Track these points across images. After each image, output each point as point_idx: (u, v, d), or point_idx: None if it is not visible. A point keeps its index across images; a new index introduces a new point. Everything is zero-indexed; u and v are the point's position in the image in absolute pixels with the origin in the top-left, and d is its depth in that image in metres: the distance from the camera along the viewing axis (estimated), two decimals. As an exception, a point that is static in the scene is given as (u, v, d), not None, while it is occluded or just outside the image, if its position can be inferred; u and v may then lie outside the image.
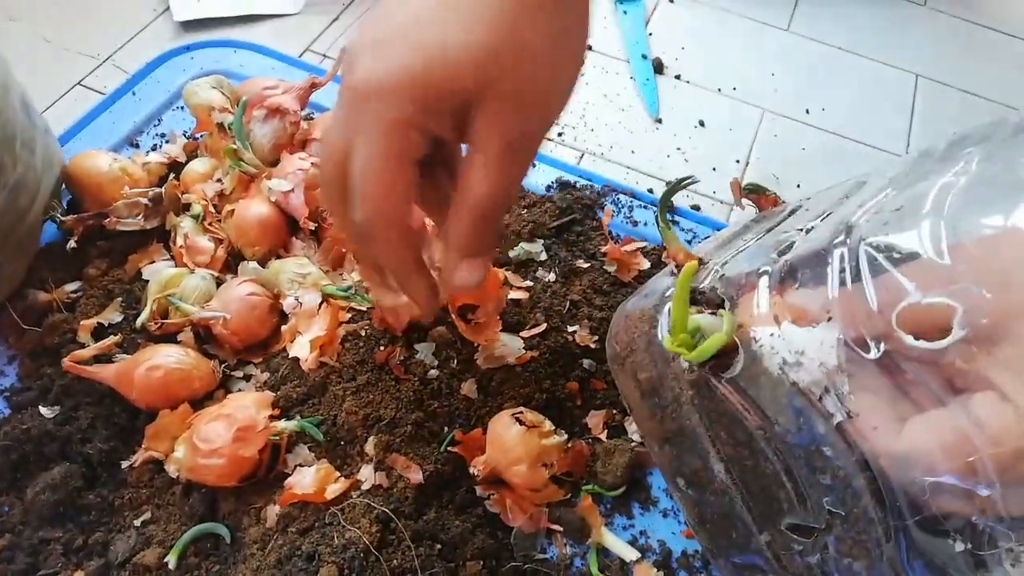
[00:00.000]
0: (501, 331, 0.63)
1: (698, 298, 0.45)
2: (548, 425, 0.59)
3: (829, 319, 0.36)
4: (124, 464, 0.57)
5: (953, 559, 0.36)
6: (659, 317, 0.46)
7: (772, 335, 0.38)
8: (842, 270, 0.36)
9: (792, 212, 0.50)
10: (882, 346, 0.34)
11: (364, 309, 0.63)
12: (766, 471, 0.42)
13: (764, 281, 0.41)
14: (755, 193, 0.65)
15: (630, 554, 0.58)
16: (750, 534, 0.44)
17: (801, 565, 0.42)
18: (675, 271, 0.50)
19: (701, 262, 0.48)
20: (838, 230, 0.39)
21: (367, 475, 0.55)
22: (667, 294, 0.47)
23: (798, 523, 0.41)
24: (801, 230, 0.44)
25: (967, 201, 0.34)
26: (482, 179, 0.39)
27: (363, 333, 0.62)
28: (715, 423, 0.43)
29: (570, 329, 0.66)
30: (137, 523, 0.55)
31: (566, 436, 0.59)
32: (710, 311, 0.43)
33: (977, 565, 0.35)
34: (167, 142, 0.78)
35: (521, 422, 0.57)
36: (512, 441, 0.57)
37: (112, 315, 0.63)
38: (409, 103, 0.36)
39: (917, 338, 0.33)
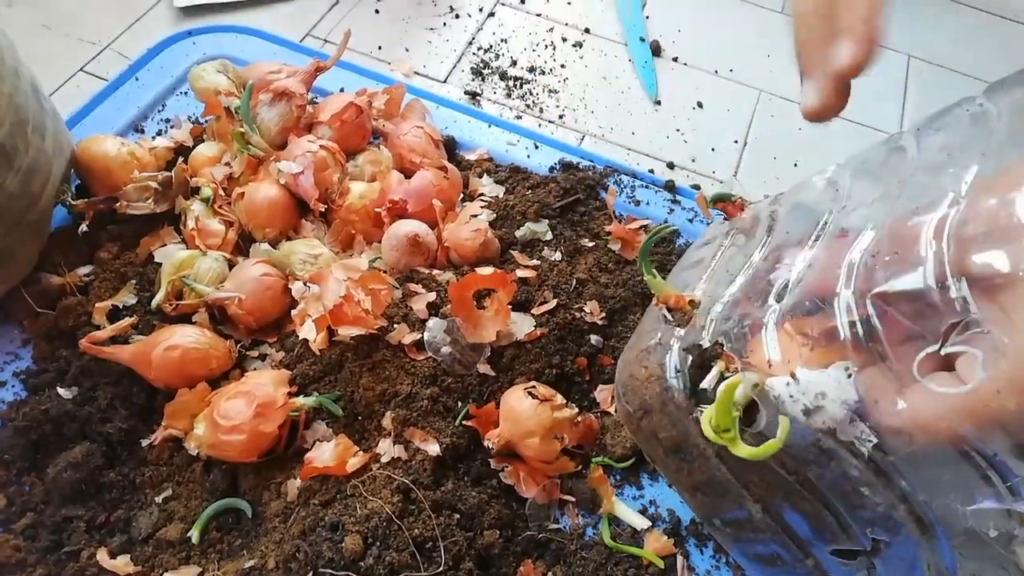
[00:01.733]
0: (512, 309, 0.64)
1: (706, 354, 0.45)
2: (560, 399, 0.60)
3: (847, 371, 0.37)
4: (144, 443, 0.58)
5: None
6: (667, 377, 0.46)
7: (787, 384, 0.39)
8: (852, 323, 0.37)
9: (769, 229, 0.50)
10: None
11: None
12: (804, 509, 0.43)
13: (770, 333, 0.42)
14: (722, 201, 0.67)
15: (641, 523, 0.59)
16: (796, 560, 0.46)
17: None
18: (666, 313, 0.50)
19: (692, 303, 0.49)
20: (835, 276, 0.39)
21: (386, 448, 0.56)
22: (658, 341, 0.48)
23: (842, 548, 0.43)
24: (789, 267, 0.44)
25: (967, 238, 0.35)
26: None
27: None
28: (746, 473, 0.44)
29: (577, 307, 0.67)
30: (159, 500, 0.56)
31: (576, 410, 0.61)
32: (730, 369, 0.43)
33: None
34: (172, 127, 0.78)
35: (534, 396, 0.59)
36: (525, 414, 0.58)
37: (126, 297, 0.63)
38: None
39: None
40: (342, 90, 0.83)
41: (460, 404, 0.60)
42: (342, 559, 0.49)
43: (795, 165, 0.88)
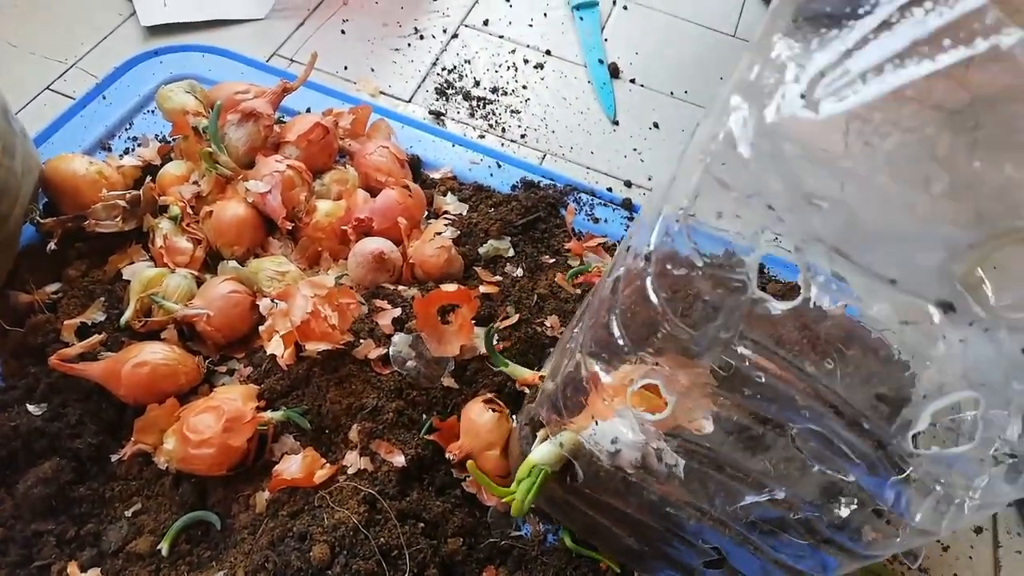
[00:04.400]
0: (475, 324, 0.67)
1: (538, 425, 0.54)
2: (521, 411, 0.63)
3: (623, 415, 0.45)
4: (113, 458, 0.59)
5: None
6: (525, 451, 0.54)
7: (589, 436, 0.47)
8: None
9: (583, 313, 0.56)
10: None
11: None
12: (653, 536, 0.50)
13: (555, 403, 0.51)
14: (580, 275, 0.72)
15: (599, 528, 0.62)
16: None
17: None
18: (527, 391, 0.60)
19: (543, 379, 0.58)
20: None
21: (352, 460, 0.58)
22: (522, 420, 0.58)
23: (709, 560, 0.50)
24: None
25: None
26: None
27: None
28: (600, 513, 0.52)
29: (539, 321, 0.70)
30: (128, 513, 0.57)
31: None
32: (551, 433, 0.52)
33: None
34: (139, 145, 0.79)
35: (494, 409, 0.61)
36: (485, 427, 0.60)
37: (95, 314, 0.64)
38: None
39: None
40: (308, 110, 0.84)
41: (425, 416, 0.62)
42: (310, 568, 0.51)
43: (746, 184, 0.91)
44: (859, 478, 0.39)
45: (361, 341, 0.63)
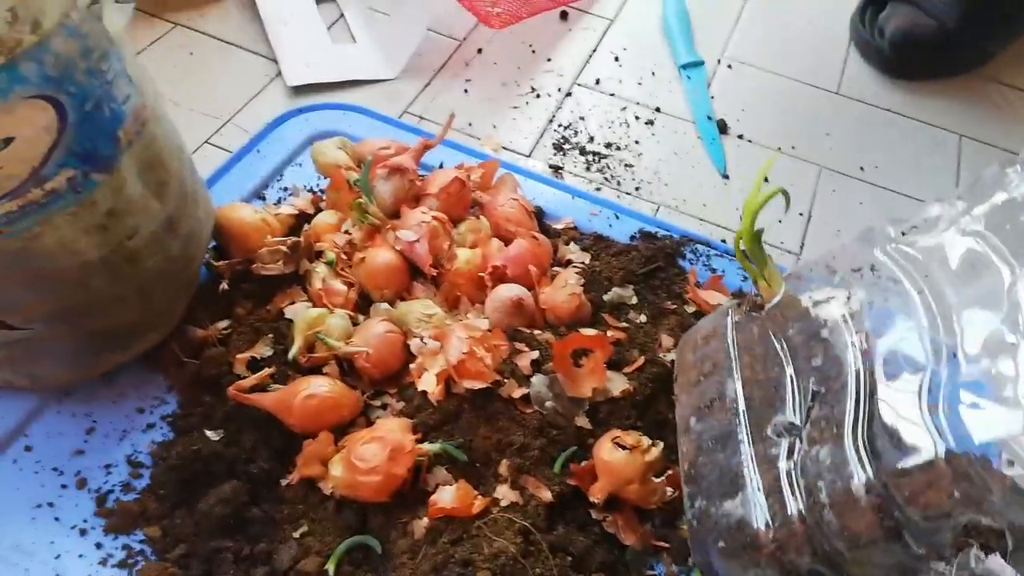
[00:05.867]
0: (607, 368, 0.70)
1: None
2: (646, 441, 0.65)
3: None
4: (282, 482, 0.64)
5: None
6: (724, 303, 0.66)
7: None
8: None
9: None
10: None
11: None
12: (771, 376, 0.56)
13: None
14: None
15: (732, 572, 0.64)
16: (737, 459, 0.55)
17: (774, 478, 0.52)
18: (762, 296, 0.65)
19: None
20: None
21: (504, 493, 0.61)
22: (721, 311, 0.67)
23: (782, 424, 0.53)
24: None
25: None
26: None
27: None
28: (742, 351, 0.60)
29: (662, 361, 0.73)
30: (296, 535, 0.62)
31: (662, 445, 0.65)
32: None
33: None
34: (291, 195, 0.86)
35: (622, 446, 0.64)
36: (619, 465, 0.63)
37: (263, 349, 0.70)
38: None
39: None
40: (441, 164, 0.91)
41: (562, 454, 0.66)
42: (474, 593, 0.54)
43: (857, 237, 0.93)
44: None
45: (505, 381, 0.67)
